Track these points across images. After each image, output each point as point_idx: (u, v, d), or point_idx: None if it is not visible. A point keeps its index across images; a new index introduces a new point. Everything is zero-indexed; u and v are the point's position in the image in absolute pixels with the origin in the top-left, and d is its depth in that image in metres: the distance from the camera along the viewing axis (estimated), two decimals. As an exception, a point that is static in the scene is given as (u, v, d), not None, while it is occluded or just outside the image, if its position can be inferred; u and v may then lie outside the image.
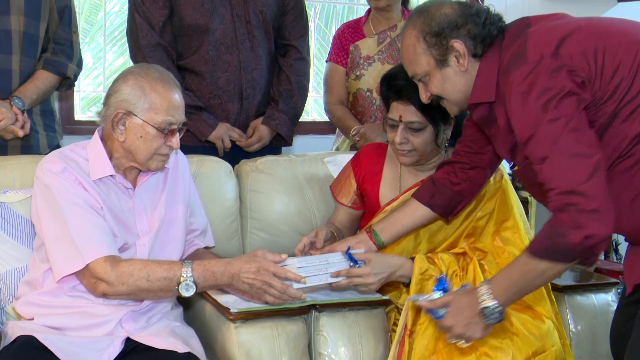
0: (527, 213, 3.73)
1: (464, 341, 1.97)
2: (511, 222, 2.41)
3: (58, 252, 2.09)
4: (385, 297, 2.34)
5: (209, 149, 2.96)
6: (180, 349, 2.06)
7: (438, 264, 2.33)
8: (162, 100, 2.13)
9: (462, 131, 2.30)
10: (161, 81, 2.15)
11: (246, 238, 2.76)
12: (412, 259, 2.34)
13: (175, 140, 2.17)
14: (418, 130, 2.39)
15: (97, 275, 2.05)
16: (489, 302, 1.89)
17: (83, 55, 2.97)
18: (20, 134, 2.61)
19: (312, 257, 2.26)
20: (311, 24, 4.61)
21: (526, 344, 2.18)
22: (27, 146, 2.75)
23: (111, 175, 2.19)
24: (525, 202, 3.77)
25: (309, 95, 3.45)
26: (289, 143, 3.14)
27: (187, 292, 2.07)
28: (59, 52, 2.80)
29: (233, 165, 2.83)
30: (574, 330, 2.56)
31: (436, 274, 2.29)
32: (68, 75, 2.82)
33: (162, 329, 2.17)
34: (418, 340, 2.22)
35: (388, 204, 2.50)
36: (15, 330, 2.09)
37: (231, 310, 2.17)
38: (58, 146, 2.85)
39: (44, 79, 2.75)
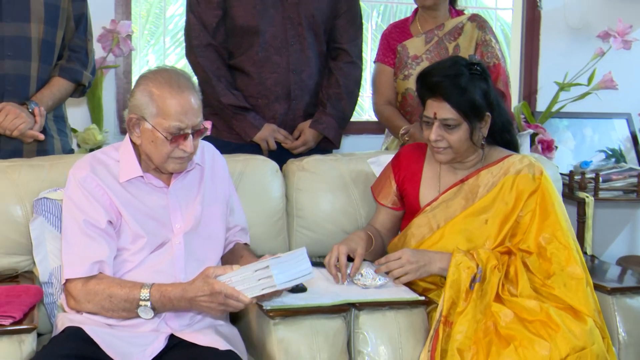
0: (584, 214, 3.66)
1: None
2: (552, 218, 2.38)
3: (63, 260, 2.19)
4: (422, 298, 2.33)
5: (257, 147, 2.99)
6: (222, 346, 2.07)
7: (476, 258, 2.32)
8: (169, 106, 2.10)
9: None
10: (169, 86, 2.11)
11: (292, 236, 2.79)
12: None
13: (189, 144, 2.13)
14: (453, 127, 2.38)
15: (68, 290, 2.14)
16: None
17: (148, 57, 3.01)
18: (41, 137, 2.64)
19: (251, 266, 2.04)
20: (372, 24, 4.60)
21: (565, 340, 2.17)
22: (43, 150, 2.77)
23: (140, 176, 2.21)
24: (582, 203, 3.68)
25: (365, 94, 3.44)
26: (336, 146, 3.15)
27: (147, 315, 2.08)
28: (74, 59, 2.81)
29: (281, 164, 2.85)
30: (623, 334, 2.49)
31: (473, 266, 2.30)
32: (82, 83, 2.84)
33: (206, 327, 2.20)
34: (456, 328, 2.22)
35: (428, 204, 2.50)
36: (64, 321, 2.16)
37: (264, 307, 2.18)
38: (71, 150, 2.92)
39: (59, 85, 2.78)
